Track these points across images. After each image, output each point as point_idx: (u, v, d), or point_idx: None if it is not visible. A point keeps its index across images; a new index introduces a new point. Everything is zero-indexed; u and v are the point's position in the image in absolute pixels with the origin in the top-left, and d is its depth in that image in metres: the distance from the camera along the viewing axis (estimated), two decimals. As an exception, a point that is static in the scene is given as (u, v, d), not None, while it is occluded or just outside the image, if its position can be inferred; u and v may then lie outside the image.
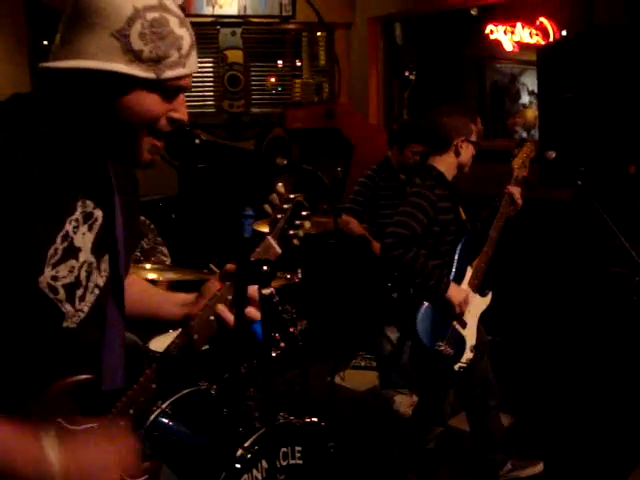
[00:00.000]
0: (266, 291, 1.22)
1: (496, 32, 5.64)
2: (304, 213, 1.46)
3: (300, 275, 3.25)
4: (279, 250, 1.44)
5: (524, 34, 5.39)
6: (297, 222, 1.46)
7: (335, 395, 4.28)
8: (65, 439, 1.13)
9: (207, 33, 6.17)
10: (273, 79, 6.72)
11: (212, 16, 6.12)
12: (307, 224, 1.48)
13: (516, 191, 3.11)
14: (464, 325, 3.05)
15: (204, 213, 4.70)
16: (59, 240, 1.18)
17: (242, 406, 2.70)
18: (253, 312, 1.39)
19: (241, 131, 6.16)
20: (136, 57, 1.14)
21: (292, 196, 1.45)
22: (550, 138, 3.63)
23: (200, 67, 6.24)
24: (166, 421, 2.63)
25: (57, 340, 1.22)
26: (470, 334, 3.07)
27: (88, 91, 1.17)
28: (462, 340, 3.04)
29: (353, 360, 4.87)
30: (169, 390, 2.57)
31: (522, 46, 5.58)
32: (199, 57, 1.29)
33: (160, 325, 1.72)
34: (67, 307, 1.22)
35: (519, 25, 5.43)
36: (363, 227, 4.20)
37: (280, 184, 1.44)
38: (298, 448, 2.56)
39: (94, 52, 1.13)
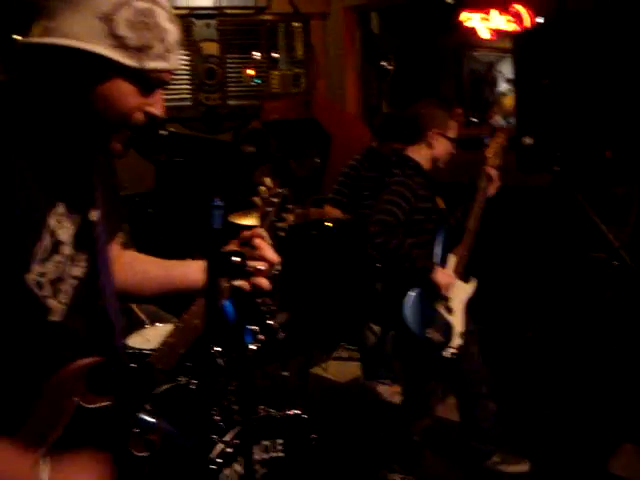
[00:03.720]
0: (238, 283, 1.21)
1: (471, 19, 5.63)
2: (289, 206, 1.54)
3: (279, 267, 3.22)
4: (270, 241, 1.51)
5: (499, 21, 5.39)
6: (283, 215, 1.53)
7: (316, 386, 4.28)
8: (57, 466, 1.16)
9: (182, 26, 6.08)
10: (250, 71, 6.66)
11: (187, 8, 6.05)
12: (290, 217, 1.56)
13: (493, 171, 3.12)
14: (451, 311, 3.09)
15: (181, 207, 4.66)
16: (46, 236, 1.18)
17: (222, 400, 2.68)
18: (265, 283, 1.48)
19: (218, 124, 6.10)
20: (120, 43, 1.12)
21: (279, 190, 1.52)
22: (527, 124, 3.63)
23: (175, 60, 6.19)
24: (145, 417, 2.61)
25: (45, 334, 1.23)
26: (457, 320, 3.10)
27: (67, 72, 1.14)
28: (450, 327, 3.07)
29: (335, 351, 4.86)
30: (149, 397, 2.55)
31: (498, 33, 5.58)
32: None
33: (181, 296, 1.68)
34: (52, 302, 1.22)
35: (494, 12, 5.42)
36: (345, 217, 4.19)
37: (268, 179, 1.49)
38: (279, 441, 2.56)
39: (78, 32, 1.11)
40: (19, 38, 1.17)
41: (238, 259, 1.20)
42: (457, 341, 3.07)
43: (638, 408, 3.42)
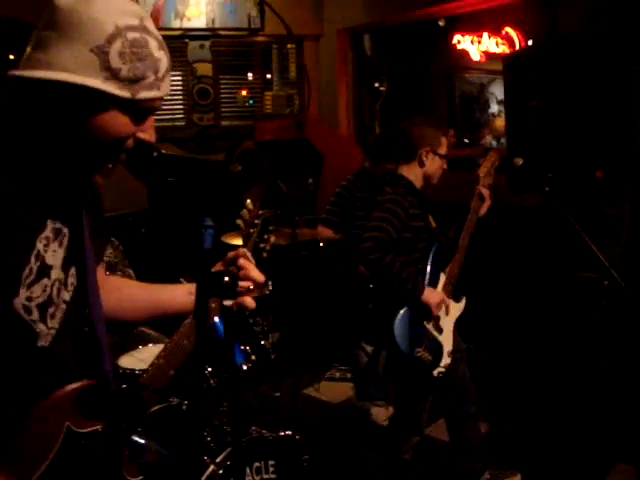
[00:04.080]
0: (228, 302, 1.21)
1: (463, 42, 5.69)
2: (271, 228, 1.59)
3: (270, 287, 3.23)
4: (253, 262, 1.53)
5: (490, 44, 5.45)
6: (265, 236, 1.59)
7: (308, 407, 4.26)
8: None
9: (176, 46, 6.13)
10: (244, 92, 6.70)
11: (180, 29, 6.10)
12: (272, 238, 1.61)
13: (485, 191, 3.15)
14: (440, 331, 3.08)
15: (174, 227, 4.66)
16: (32, 260, 1.18)
17: (213, 421, 2.67)
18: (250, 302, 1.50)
19: (211, 144, 6.12)
20: (113, 75, 1.13)
21: (261, 212, 1.58)
22: (518, 145, 3.66)
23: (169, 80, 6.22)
24: (136, 439, 2.59)
25: (32, 359, 1.23)
26: (447, 339, 3.09)
27: (60, 104, 1.15)
28: (439, 346, 3.06)
29: (328, 372, 4.84)
30: (140, 419, 2.53)
31: (489, 56, 5.65)
32: None
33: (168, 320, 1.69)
34: (40, 326, 1.22)
35: (485, 35, 5.49)
36: (337, 237, 4.20)
37: (249, 201, 1.52)
38: (271, 462, 2.54)
39: (71, 65, 1.12)
40: (10, 71, 1.16)
41: (228, 279, 1.20)
42: (446, 360, 3.07)
43: (631, 427, 3.41)
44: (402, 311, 2.98)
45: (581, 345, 3.84)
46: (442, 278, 3.12)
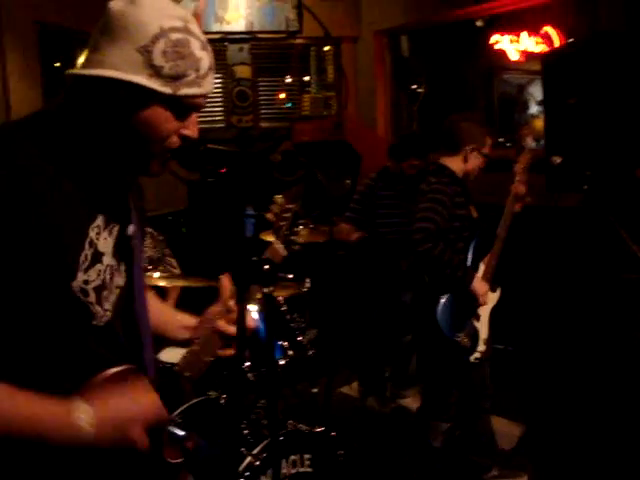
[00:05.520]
0: (267, 289, 1.25)
1: (501, 42, 5.65)
2: (300, 221, 1.59)
3: (308, 284, 3.27)
4: (285, 253, 1.58)
5: (529, 43, 5.39)
6: (295, 229, 1.61)
7: (344, 405, 4.30)
8: (92, 400, 1.22)
9: (215, 49, 6.17)
10: (283, 95, 6.77)
11: (220, 33, 6.19)
12: (303, 230, 1.62)
13: (520, 189, 3.20)
14: (478, 318, 3.16)
15: (214, 225, 4.73)
16: (87, 246, 1.26)
17: (251, 415, 2.71)
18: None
19: (250, 145, 6.20)
20: (156, 72, 1.22)
21: (290, 206, 1.61)
22: (556, 144, 3.63)
23: (209, 83, 6.31)
24: (175, 430, 2.65)
25: (89, 338, 1.30)
26: (483, 327, 3.19)
27: (108, 100, 1.24)
28: (476, 333, 3.15)
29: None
30: (178, 401, 2.59)
31: (528, 56, 5.59)
32: None
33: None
34: (97, 308, 1.29)
35: (524, 34, 5.44)
36: (358, 234, 4.25)
37: (279, 196, 1.57)
38: (307, 456, 2.57)
39: (118, 64, 1.21)
40: (68, 70, 1.27)
41: (268, 267, 1.24)
42: (481, 347, 3.14)
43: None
44: (445, 297, 3.06)
45: (624, 347, 3.78)
46: (481, 268, 3.18)
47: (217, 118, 6.41)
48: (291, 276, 1.37)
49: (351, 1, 6.45)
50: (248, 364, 2.77)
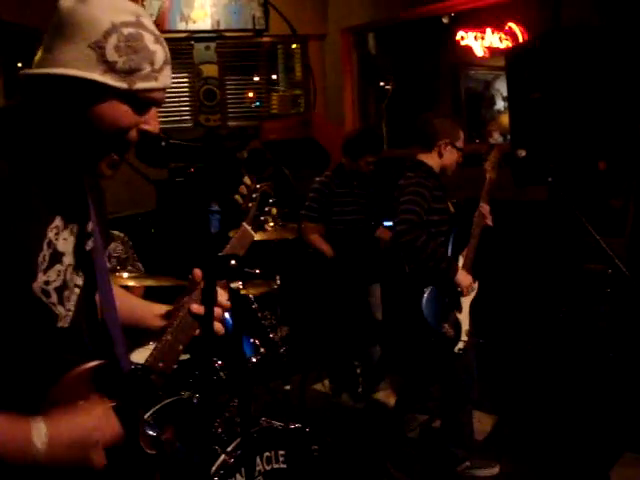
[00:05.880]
0: (234, 284, 1.25)
1: (466, 38, 5.70)
2: (270, 200, 1.62)
3: (279, 282, 3.28)
4: (254, 234, 1.59)
5: (494, 39, 5.46)
6: (266, 209, 1.62)
7: (317, 401, 4.31)
8: (48, 417, 1.21)
9: (182, 48, 6.19)
10: (251, 94, 6.75)
11: (186, 31, 6.15)
12: (274, 210, 1.64)
13: (485, 210, 3.30)
14: (460, 310, 3.23)
15: (182, 225, 4.71)
16: (45, 247, 1.25)
17: (224, 413, 2.70)
18: (218, 327, 1.46)
19: (218, 145, 6.17)
20: (110, 68, 1.22)
21: (259, 186, 1.61)
22: (521, 138, 3.69)
23: (176, 82, 6.29)
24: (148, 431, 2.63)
25: (54, 339, 1.29)
26: (465, 318, 3.25)
27: (65, 98, 1.23)
28: (459, 324, 3.22)
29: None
30: (151, 401, 2.58)
31: (493, 52, 5.65)
32: (174, 72, 1.36)
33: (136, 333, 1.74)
34: (59, 309, 1.29)
35: (489, 31, 5.50)
36: (319, 233, 4.28)
37: (246, 177, 1.55)
38: (281, 452, 2.57)
39: (72, 61, 1.21)
40: (22, 70, 1.26)
41: (235, 262, 1.24)
42: (464, 337, 3.20)
43: (638, 417, 3.43)
44: (429, 289, 3.11)
45: (588, 336, 3.85)
46: (460, 261, 3.25)
47: (185, 117, 6.38)
48: (258, 271, 1.35)
49: (317, -1, 6.46)
50: (220, 363, 2.77)
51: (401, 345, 3.65)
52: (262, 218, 1.59)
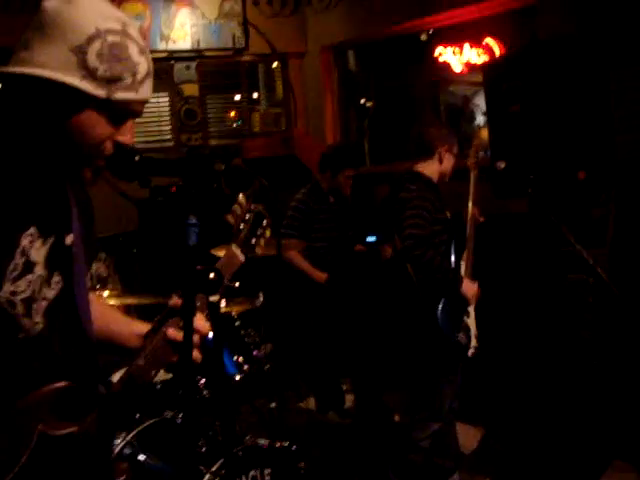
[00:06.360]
0: (213, 298, 1.23)
1: (444, 54, 5.76)
2: (264, 223, 1.55)
3: (262, 298, 3.25)
4: (242, 258, 1.52)
5: (472, 54, 5.51)
6: (259, 231, 1.55)
7: (302, 419, 4.27)
8: None
9: (162, 68, 6.19)
10: (232, 113, 6.76)
11: (166, 51, 6.15)
12: (267, 233, 1.57)
13: (476, 211, 3.36)
14: (468, 315, 3.26)
15: (164, 245, 4.68)
16: (17, 256, 1.21)
17: (209, 432, 2.67)
18: (196, 355, 1.39)
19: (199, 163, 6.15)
20: (90, 74, 1.17)
21: (253, 206, 1.55)
22: (501, 151, 3.71)
23: (156, 102, 6.29)
24: (131, 452, 2.59)
25: (19, 352, 1.24)
26: (472, 323, 3.27)
27: (39, 101, 1.19)
28: (468, 329, 3.24)
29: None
30: (131, 422, 2.54)
31: (472, 67, 5.71)
32: (155, 92, 1.32)
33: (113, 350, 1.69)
34: (25, 321, 1.24)
35: (466, 46, 5.56)
36: (299, 249, 4.26)
37: (241, 195, 1.50)
38: (267, 471, 2.54)
39: (51, 63, 1.16)
40: None
41: (214, 275, 1.23)
42: (473, 342, 3.23)
43: (628, 424, 3.43)
44: (442, 301, 3.12)
45: (573, 345, 3.86)
46: (462, 267, 3.28)
47: (166, 137, 6.36)
48: (237, 284, 1.32)
49: (297, 17, 6.49)
50: (203, 381, 2.74)
51: (409, 356, 3.58)
52: (253, 241, 1.53)
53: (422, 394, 3.40)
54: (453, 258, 3.28)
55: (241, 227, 1.51)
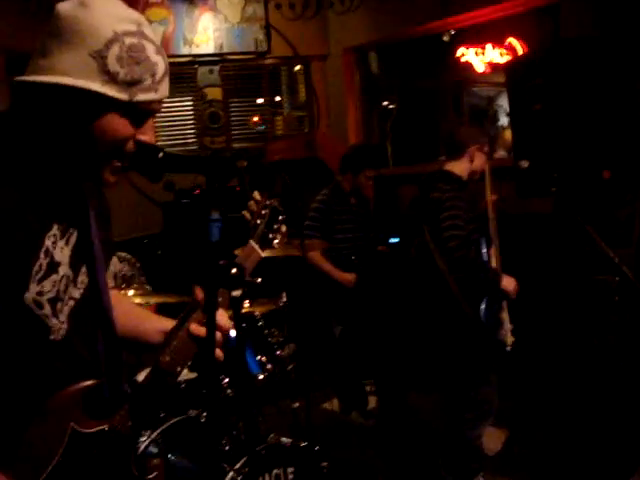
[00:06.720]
0: (236, 293, 1.25)
1: (467, 54, 5.74)
2: (280, 217, 1.56)
3: (285, 299, 3.26)
4: (261, 253, 1.53)
5: (494, 54, 5.49)
6: (275, 226, 1.55)
7: (326, 420, 4.27)
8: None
9: (185, 72, 6.25)
10: (256, 118, 6.79)
11: (189, 55, 6.21)
12: (284, 227, 1.57)
13: (494, 198, 3.37)
14: (503, 310, 3.30)
15: (188, 246, 4.72)
16: (42, 256, 1.22)
17: (232, 431, 2.69)
18: (218, 353, 1.40)
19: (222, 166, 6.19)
20: (111, 78, 1.18)
21: (268, 202, 1.55)
22: (524, 151, 3.69)
23: (180, 105, 6.36)
24: (156, 451, 2.62)
25: (47, 353, 1.26)
26: (507, 318, 3.31)
27: (62, 108, 1.20)
28: (504, 324, 3.29)
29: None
30: (156, 420, 2.57)
31: (494, 67, 5.68)
32: (179, 96, 1.34)
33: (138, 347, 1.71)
34: (53, 321, 1.25)
35: (489, 46, 5.54)
36: (321, 249, 4.26)
37: (256, 192, 1.51)
38: (290, 469, 2.55)
39: (71, 70, 1.17)
40: (16, 77, 1.21)
41: (236, 270, 1.24)
42: (510, 337, 3.27)
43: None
44: (485, 301, 3.15)
45: (599, 347, 3.81)
46: (493, 262, 3.30)
47: (189, 140, 6.42)
48: (259, 280, 1.32)
49: (318, 19, 6.51)
50: (226, 380, 2.75)
51: (449, 356, 3.56)
52: (270, 236, 1.53)
53: (463, 394, 3.39)
54: (485, 256, 3.30)
55: (258, 222, 1.51)
